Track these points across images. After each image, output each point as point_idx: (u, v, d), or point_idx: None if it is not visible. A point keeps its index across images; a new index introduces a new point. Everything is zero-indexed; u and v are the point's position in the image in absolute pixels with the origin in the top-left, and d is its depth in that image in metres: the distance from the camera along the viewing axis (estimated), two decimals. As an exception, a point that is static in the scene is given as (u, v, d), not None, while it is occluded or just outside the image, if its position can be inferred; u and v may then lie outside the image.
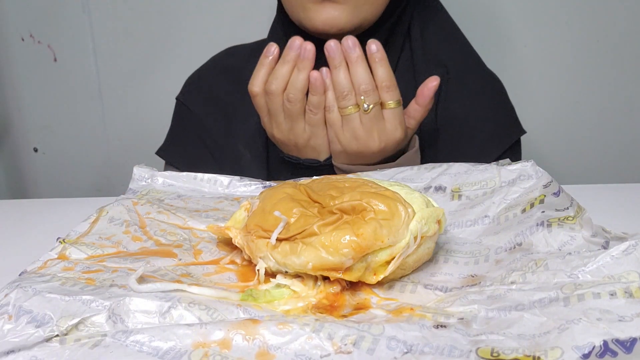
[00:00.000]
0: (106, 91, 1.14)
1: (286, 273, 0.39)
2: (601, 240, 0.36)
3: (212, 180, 0.58)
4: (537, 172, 0.49)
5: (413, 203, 0.40)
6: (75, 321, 0.33)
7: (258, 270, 0.39)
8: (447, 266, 0.41)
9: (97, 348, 0.31)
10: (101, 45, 1.11)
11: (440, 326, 0.32)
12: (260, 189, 0.56)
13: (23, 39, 1.12)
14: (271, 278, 0.39)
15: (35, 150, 1.20)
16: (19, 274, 0.39)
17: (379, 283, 0.38)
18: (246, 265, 0.42)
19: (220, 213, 0.51)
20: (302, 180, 0.48)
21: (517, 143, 0.75)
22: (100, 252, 0.43)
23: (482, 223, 0.46)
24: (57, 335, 0.32)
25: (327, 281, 0.38)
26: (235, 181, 0.58)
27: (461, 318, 0.33)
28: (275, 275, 0.39)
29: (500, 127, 0.74)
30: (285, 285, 0.38)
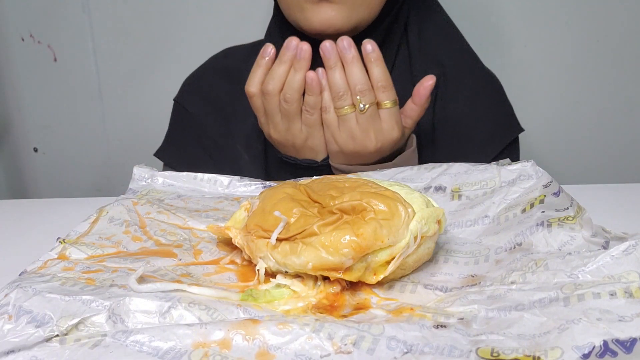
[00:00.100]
0: (106, 91, 1.14)
1: (286, 273, 0.39)
2: (601, 240, 0.36)
3: (212, 180, 0.58)
4: (537, 172, 0.49)
5: (413, 203, 0.40)
6: (75, 321, 0.33)
7: (258, 270, 0.39)
8: (447, 266, 0.41)
9: (97, 348, 0.31)
10: (101, 45, 1.11)
11: (440, 326, 0.32)
12: (260, 189, 0.56)
13: (23, 39, 1.12)
14: (271, 278, 0.39)
15: (35, 150, 1.20)
16: (19, 274, 0.39)
17: (379, 283, 0.38)
18: (246, 265, 0.42)
19: (220, 213, 0.51)
20: (302, 180, 0.48)
21: (516, 141, 0.75)
22: (100, 252, 0.43)
23: (482, 223, 0.46)
24: (57, 335, 0.32)
25: (327, 281, 0.38)
26: (235, 181, 0.58)
27: (461, 318, 0.33)
28: (275, 275, 0.39)
29: (498, 125, 0.74)
30: (285, 285, 0.38)
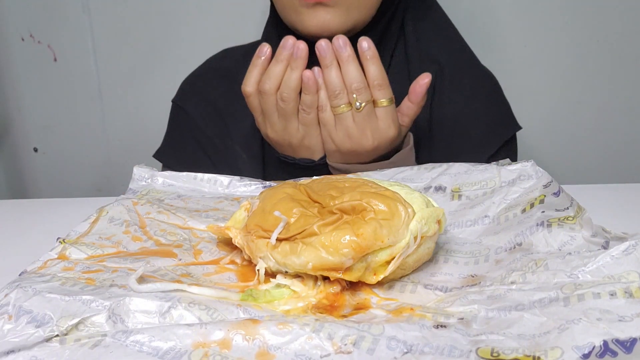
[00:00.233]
0: (106, 91, 1.14)
1: (286, 273, 0.39)
2: (601, 240, 0.36)
3: (212, 180, 0.58)
4: (537, 172, 0.49)
5: (413, 203, 0.40)
6: (75, 321, 0.33)
7: (258, 270, 0.39)
8: (447, 266, 0.41)
9: (97, 348, 0.31)
10: (101, 45, 1.11)
11: (440, 326, 0.32)
12: (260, 189, 0.56)
13: (23, 39, 1.12)
14: (271, 278, 0.39)
15: (35, 150, 1.20)
16: (19, 274, 0.39)
17: (379, 283, 0.38)
18: (246, 265, 0.42)
19: (220, 213, 0.51)
20: (302, 180, 0.48)
21: (513, 139, 0.75)
22: (100, 252, 0.43)
23: (482, 223, 0.46)
24: (57, 335, 0.32)
25: (327, 281, 0.38)
26: (235, 181, 0.58)
27: (461, 318, 0.33)
28: (275, 275, 0.39)
29: (494, 123, 0.74)
30: (285, 285, 0.38)
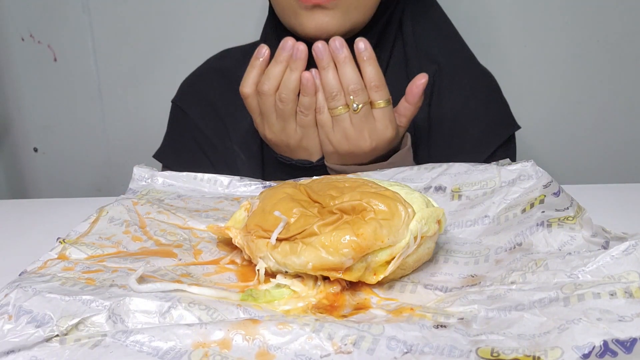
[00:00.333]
0: (106, 91, 1.14)
1: (286, 273, 0.39)
2: (601, 240, 0.36)
3: (212, 180, 0.58)
4: (537, 172, 0.49)
5: (413, 203, 0.40)
6: (75, 321, 0.33)
7: (258, 270, 0.39)
8: (447, 266, 0.41)
9: (97, 348, 0.31)
10: (101, 45, 1.11)
11: (440, 326, 0.32)
12: (260, 189, 0.56)
13: (23, 39, 1.12)
14: (271, 278, 0.39)
15: (35, 150, 1.20)
16: (19, 274, 0.39)
17: (379, 283, 0.38)
18: (246, 265, 0.42)
19: (220, 213, 0.51)
20: (302, 180, 0.48)
21: (512, 139, 0.75)
22: (100, 252, 0.43)
23: (482, 223, 0.46)
24: (57, 335, 0.32)
25: (327, 281, 0.38)
26: (235, 181, 0.58)
27: (461, 318, 0.33)
28: (275, 275, 0.39)
29: (493, 123, 0.74)
30: (285, 285, 0.38)
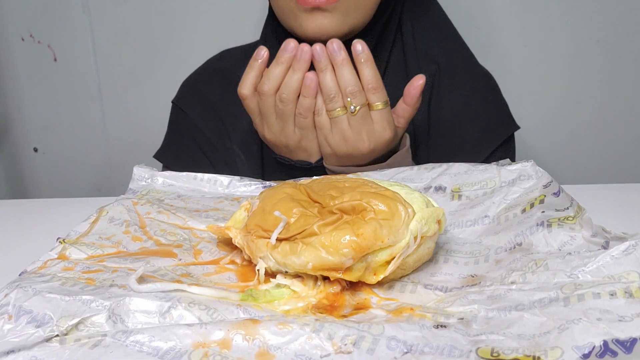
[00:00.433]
0: (106, 91, 1.14)
1: (286, 273, 0.39)
2: (601, 240, 0.36)
3: (212, 180, 0.58)
4: (537, 172, 0.49)
5: (413, 203, 0.40)
6: (75, 321, 0.33)
7: (258, 270, 0.39)
8: (447, 266, 0.41)
9: (97, 348, 0.31)
10: (101, 45, 1.11)
11: (440, 326, 0.32)
12: (260, 189, 0.56)
13: (23, 39, 1.12)
14: (271, 278, 0.39)
15: (35, 150, 1.20)
16: (19, 274, 0.39)
17: (379, 283, 0.38)
18: (246, 265, 0.42)
19: (220, 213, 0.51)
20: (302, 180, 0.48)
21: (511, 139, 0.75)
22: (100, 252, 0.43)
23: (482, 223, 0.46)
24: (57, 335, 0.32)
25: (327, 281, 0.38)
26: (235, 181, 0.58)
27: (461, 318, 0.33)
28: (275, 275, 0.39)
29: (493, 123, 0.74)
30: (285, 285, 0.38)
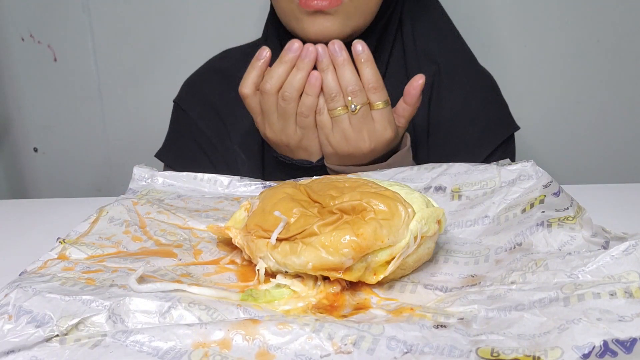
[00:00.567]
0: (106, 91, 1.14)
1: (286, 273, 0.39)
2: (601, 240, 0.36)
3: (212, 180, 0.58)
4: (537, 172, 0.49)
5: (413, 203, 0.40)
6: (75, 321, 0.33)
7: (258, 270, 0.39)
8: (447, 266, 0.41)
9: (97, 348, 0.31)
10: (101, 45, 1.11)
11: (440, 326, 0.32)
12: (260, 189, 0.56)
13: (23, 39, 1.12)
14: (271, 278, 0.39)
15: (35, 150, 1.20)
16: (19, 274, 0.39)
17: (379, 283, 0.38)
18: (246, 265, 0.42)
19: (220, 213, 0.51)
20: (302, 180, 0.48)
21: (511, 139, 0.75)
22: (100, 252, 0.43)
23: (482, 223, 0.46)
24: (57, 335, 0.32)
25: (327, 281, 0.38)
26: (235, 181, 0.58)
27: (461, 318, 0.33)
28: (275, 275, 0.39)
29: (492, 123, 0.74)
30: (285, 285, 0.38)
